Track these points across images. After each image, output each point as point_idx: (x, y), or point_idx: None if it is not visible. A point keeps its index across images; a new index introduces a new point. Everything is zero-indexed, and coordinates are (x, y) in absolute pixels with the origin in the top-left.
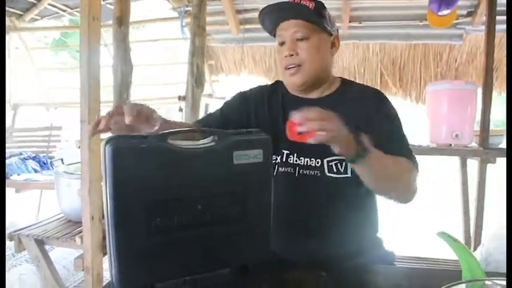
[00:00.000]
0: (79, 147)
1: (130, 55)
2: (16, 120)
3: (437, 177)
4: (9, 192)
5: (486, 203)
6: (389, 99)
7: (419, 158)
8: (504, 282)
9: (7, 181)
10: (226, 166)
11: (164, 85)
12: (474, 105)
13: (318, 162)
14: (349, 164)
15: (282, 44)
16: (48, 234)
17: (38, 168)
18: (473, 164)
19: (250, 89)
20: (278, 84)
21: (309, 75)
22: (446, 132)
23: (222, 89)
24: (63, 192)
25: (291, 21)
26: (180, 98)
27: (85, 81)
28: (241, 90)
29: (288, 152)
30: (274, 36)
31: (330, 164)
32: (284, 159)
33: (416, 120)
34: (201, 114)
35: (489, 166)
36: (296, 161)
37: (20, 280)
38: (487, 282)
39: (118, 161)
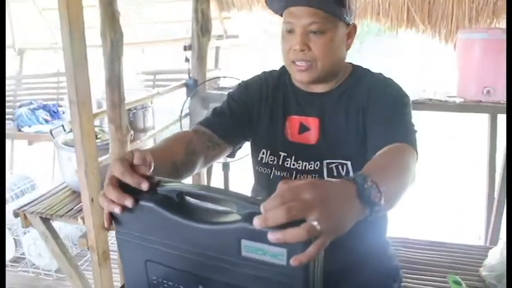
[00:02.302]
0: (70, 130)
1: (120, 20)
2: (24, 67)
3: (463, 137)
4: (22, 144)
5: None
6: (398, 84)
7: (443, 115)
8: None
9: (18, 133)
10: (232, 253)
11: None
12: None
13: (317, 165)
14: (350, 167)
15: (290, 31)
16: (52, 211)
17: (48, 118)
18: (503, 121)
19: (254, 79)
20: (283, 72)
21: (320, 73)
22: (476, 88)
23: (234, 27)
24: (65, 166)
25: (305, 9)
26: (185, 48)
27: (69, 61)
28: (245, 80)
29: (285, 154)
30: (281, 15)
31: (330, 166)
32: (281, 163)
33: (444, 66)
34: (209, 64)
35: None
36: (293, 165)
37: (35, 245)
38: None
39: (117, 214)
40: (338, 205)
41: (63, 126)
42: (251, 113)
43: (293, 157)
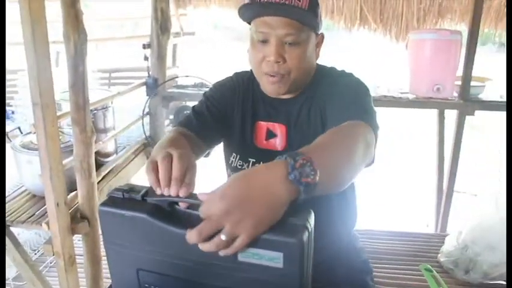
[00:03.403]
0: (34, 133)
1: (83, 22)
2: None
3: (414, 131)
4: None
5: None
6: (359, 78)
7: (396, 111)
8: None
9: None
10: (227, 259)
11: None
12: (458, 56)
13: None
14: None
15: (263, 41)
16: (12, 217)
17: None
18: (451, 116)
19: (227, 81)
20: (251, 77)
21: (291, 84)
22: (427, 85)
23: (190, 24)
24: (25, 170)
25: (281, 19)
26: (145, 46)
27: (32, 61)
28: (219, 82)
29: (254, 160)
30: (249, 23)
31: None
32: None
33: (395, 64)
34: (169, 62)
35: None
36: None
37: None
38: None
39: (108, 224)
40: (254, 202)
41: (19, 128)
42: (226, 114)
43: (261, 163)
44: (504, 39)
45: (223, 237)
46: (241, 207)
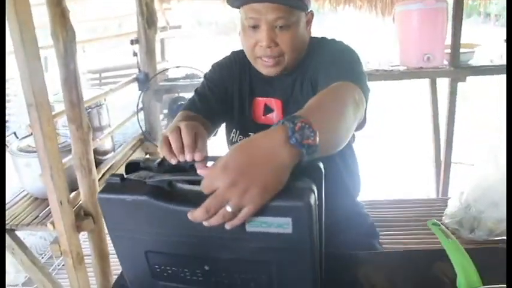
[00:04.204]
0: (31, 134)
1: (70, 19)
2: None
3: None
4: None
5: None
6: (343, 42)
7: (388, 85)
8: None
9: None
10: (235, 231)
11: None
12: (445, 24)
13: None
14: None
15: (254, 27)
16: (16, 221)
17: None
18: (444, 84)
19: (225, 60)
20: (246, 57)
21: (287, 65)
22: (417, 55)
23: (175, 18)
24: (24, 173)
25: (269, 5)
26: (132, 41)
27: (23, 62)
28: (217, 62)
29: (253, 134)
30: (237, 7)
31: None
32: None
33: (382, 39)
34: (158, 56)
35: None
36: None
37: None
38: None
39: (109, 211)
40: (258, 170)
41: (15, 133)
42: (226, 93)
43: None
44: (488, 10)
45: (229, 209)
46: (245, 177)
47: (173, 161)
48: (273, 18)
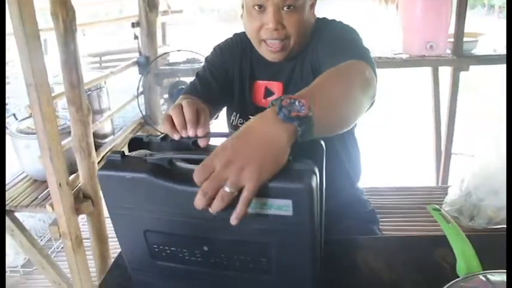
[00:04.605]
0: (30, 115)
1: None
2: None
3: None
4: None
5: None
6: (346, 23)
7: (390, 72)
8: (499, 278)
9: None
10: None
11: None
12: (449, 12)
13: None
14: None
15: (260, 8)
16: (15, 202)
17: None
18: (446, 73)
19: (226, 42)
20: (248, 40)
21: (292, 49)
22: (420, 43)
23: (177, 2)
24: (23, 155)
25: None
26: (133, 24)
27: (22, 42)
28: (218, 44)
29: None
30: None
31: None
32: None
33: (385, 27)
34: (159, 41)
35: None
36: None
37: None
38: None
39: (108, 188)
40: (253, 148)
41: (14, 115)
42: (227, 76)
43: None
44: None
45: (227, 189)
46: (240, 155)
47: (176, 137)
48: (280, 0)
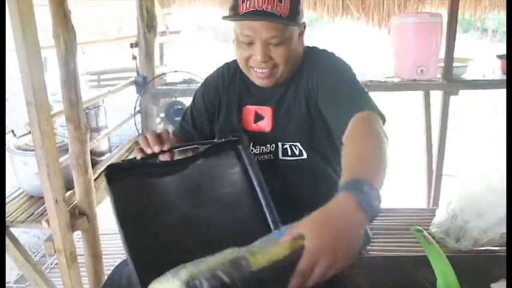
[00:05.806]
0: (29, 132)
1: (72, 20)
2: None
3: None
4: None
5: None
6: (338, 56)
7: (381, 96)
8: None
9: None
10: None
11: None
12: (439, 38)
13: (272, 147)
14: (300, 147)
15: (248, 41)
16: (11, 218)
17: None
18: (437, 97)
19: (212, 75)
20: (238, 67)
21: (281, 77)
22: (411, 68)
23: (175, 23)
24: (21, 171)
25: (264, 23)
26: (132, 45)
27: (24, 60)
28: (206, 77)
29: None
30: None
31: (284, 147)
32: None
33: (377, 50)
34: (157, 61)
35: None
36: (252, 150)
37: None
38: None
39: (115, 191)
40: (344, 241)
41: (13, 131)
42: (214, 106)
43: (251, 143)
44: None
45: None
46: (336, 253)
47: (149, 151)
48: (268, 37)
